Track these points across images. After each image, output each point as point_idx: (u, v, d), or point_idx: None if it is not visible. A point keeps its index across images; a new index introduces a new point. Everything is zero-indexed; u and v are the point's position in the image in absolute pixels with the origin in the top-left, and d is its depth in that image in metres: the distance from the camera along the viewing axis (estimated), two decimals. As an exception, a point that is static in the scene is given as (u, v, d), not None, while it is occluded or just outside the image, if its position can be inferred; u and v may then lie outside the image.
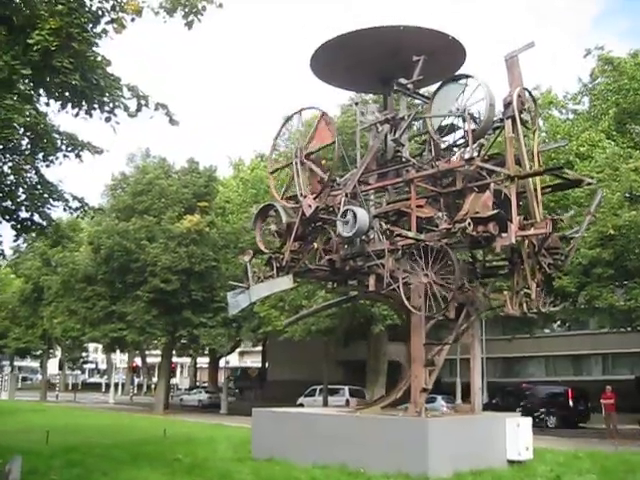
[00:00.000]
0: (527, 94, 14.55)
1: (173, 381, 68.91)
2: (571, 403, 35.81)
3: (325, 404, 42.33)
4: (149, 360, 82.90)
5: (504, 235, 13.79)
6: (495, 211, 13.82)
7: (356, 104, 15.94)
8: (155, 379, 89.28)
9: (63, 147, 14.64)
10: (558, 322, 44.97)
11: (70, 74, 8.57)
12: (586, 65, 38.90)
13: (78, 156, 14.93)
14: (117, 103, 9.26)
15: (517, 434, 14.55)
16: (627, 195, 27.57)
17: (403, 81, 14.98)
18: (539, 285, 14.57)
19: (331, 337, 37.97)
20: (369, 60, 15.71)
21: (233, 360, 79.04)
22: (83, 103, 9.29)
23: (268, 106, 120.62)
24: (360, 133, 17.17)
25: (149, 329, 40.44)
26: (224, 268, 41.74)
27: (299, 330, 35.55)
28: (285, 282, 16.24)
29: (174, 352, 53.10)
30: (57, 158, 15.04)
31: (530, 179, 14.23)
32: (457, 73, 15.40)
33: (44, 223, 13.57)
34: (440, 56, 15.32)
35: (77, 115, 9.40)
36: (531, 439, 14.87)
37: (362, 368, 46.44)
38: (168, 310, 40.28)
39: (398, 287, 13.94)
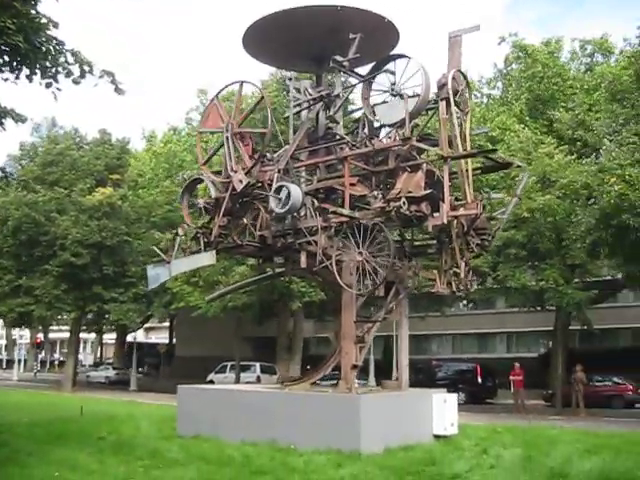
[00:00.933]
0: (461, 76, 14.74)
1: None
2: (479, 379, 36.95)
3: (237, 380, 42.26)
4: (51, 336, 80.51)
5: (436, 215, 14.02)
6: (428, 191, 14.02)
7: (289, 79, 15.71)
8: (57, 355, 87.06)
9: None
10: (465, 301, 46.43)
11: (13, 35, 8.06)
12: (500, 51, 39.77)
13: (0, 124, 14.26)
14: (59, 68, 8.78)
15: (444, 410, 14.89)
16: (539, 179, 28.51)
17: (339, 59, 14.88)
18: (467, 264, 14.92)
19: (247, 314, 37.71)
20: (303, 39, 15.44)
21: (139, 336, 77.61)
22: (22, 67, 8.75)
23: (186, 79, 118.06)
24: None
25: (58, 304, 39.27)
26: (136, 243, 40.91)
27: (214, 306, 35.16)
28: (207, 258, 15.96)
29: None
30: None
31: (462, 160, 14.50)
32: (393, 53, 15.43)
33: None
34: (374, 37, 15.27)
35: (17, 78, 8.88)
36: (456, 415, 15.25)
37: (271, 345, 46.63)
38: (78, 285, 39.18)
39: (331, 264, 13.97)
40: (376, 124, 15.44)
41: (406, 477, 11.15)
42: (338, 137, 15.28)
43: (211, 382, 47.40)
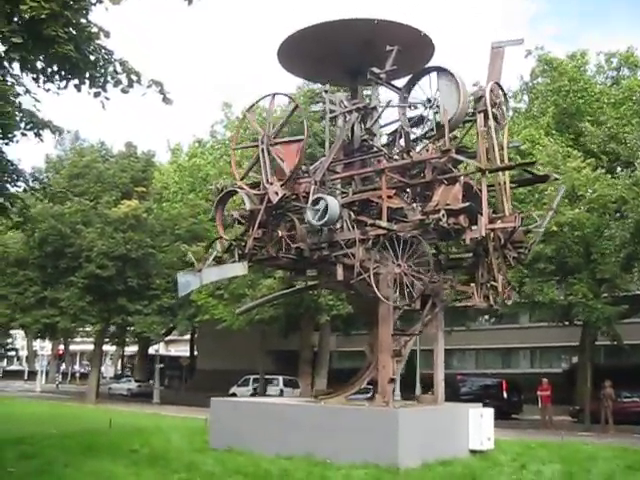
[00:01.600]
0: (499, 89, 14.68)
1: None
2: (505, 394, 36.59)
3: (263, 394, 42.18)
4: (71, 347, 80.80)
5: (474, 228, 13.93)
6: (467, 204, 13.93)
7: (325, 91, 15.68)
8: (77, 367, 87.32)
9: (22, 125, 14.07)
10: (487, 316, 46.08)
11: (64, 44, 8.07)
12: (526, 65, 39.64)
13: (38, 135, 14.35)
14: (108, 78, 8.79)
15: (480, 424, 14.73)
16: (568, 193, 28.30)
17: (376, 71, 14.89)
18: (505, 278, 14.82)
19: (273, 327, 37.65)
20: (339, 52, 15.47)
21: (159, 349, 77.66)
22: (71, 77, 8.77)
23: (211, 89, 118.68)
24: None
25: (83, 316, 39.42)
26: (160, 255, 41.04)
27: (240, 319, 35.10)
28: (238, 268, 15.88)
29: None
30: (14, 136, 14.46)
31: (499, 173, 14.42)
32: (429, 65, 15.40)
33: (7, 204, 12.87)
34: (410, 50, 15.23)
35: (65, 88, 8.89)
36: (492, 429, 15.08)
37: (293, 358, 46.53)
38: (103, 297, 39.33)
39: (369, 277, 13.89)
40: (412, 136, 15.39)
41: (448, 492, 11.04)
42: (375, 149, 15.22)
43: (234, 395, 47.50)
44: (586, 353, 34.32)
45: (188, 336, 68.98)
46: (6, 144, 13.93)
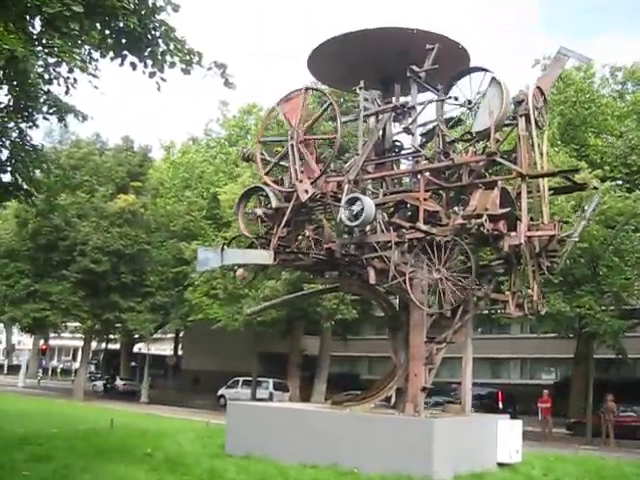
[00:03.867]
0: (540, 93, 14.28)
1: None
2: (501, 405, 36.19)
3: (253, 397, 41.61)
4: (51, 342, 79.40)
5: (512, 234, 13.51)
6: (508, 209, 13.53)
7: (360, 89, 15.17)
8: (55, 362, 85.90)
9: (44, 108, 13.49)
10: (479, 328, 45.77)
11: (130, 16, 7.46)
12: (534, 73, 39.36)
13: (62, 120, 13.78)
14: (167, 57, 8.16)
15: (509, 436, 14.31)
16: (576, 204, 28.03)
17: (416, 69, 14.46)
18: (539, 286, 14.41)
19: (270, 330, 37.10)
20: (373, 60, 15.04)
21: (141, 347, 76.55)
22: (128, 52, 8.13)
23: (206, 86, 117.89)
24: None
25: (74, 311, 38.53)
26: (155, 252, 40.35)
27: (239, 320, 34.46)
28: (263, 256, 15.23)
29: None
30: (36, 119, 13.88)
31: (540, 180, 14.03)
32: (471, 66, 14.98)
33: (32, 189, 12.23)
34: (445, 62, 14.83)
35: (121, 65, 8.26)
36: (521, 442, 14.66)
37: (281, 361, 46.01)
38: (95, 292, 38.46)
39: (404, 281, 13.41)
40: (448, 138, 14.96)
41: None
42: (411, 149, 14.75)
43: (222, 397, 46.89)
44: (582, 365, 34.14)
45: (172, 335, 68.18)
46: (29, 127, 13.33)
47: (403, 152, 15.60)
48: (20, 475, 11.54)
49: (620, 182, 27.61)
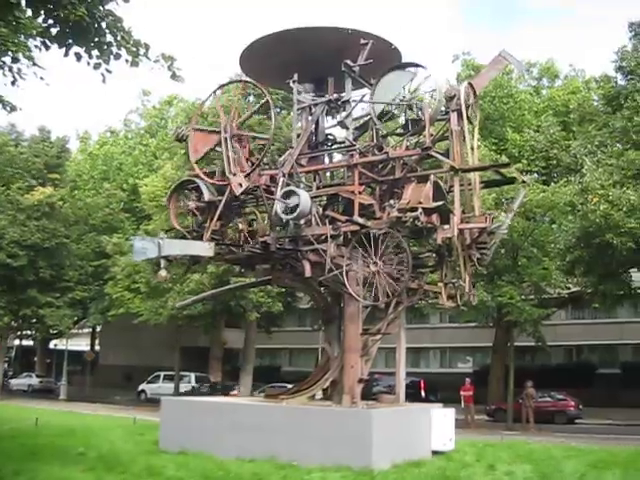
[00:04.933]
0: (471, 90, 14.60)
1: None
2: (423, 394, 36.87)
3: (177, 390, 41.20)
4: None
5: (445, 227, 13.81)
6: (441, 202, 13.79)
7: (294, 82, 15.15)
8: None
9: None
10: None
11: (77, 6, 7.16)
12: (453, 69, 40.38)
13: (-9, 111, 13.24)
14: (113, 48, 7.91)
15: (443, 425, 14.65)
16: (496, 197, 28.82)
17: (350, 63, 14.55)
18: (470, 278, 14.76)
19: (200, 323, 36.77)
20: (306, 59, 15.02)
21: (56, 343, 74.38)
22: (74, 43, 7.82)
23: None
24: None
25: (-10, 307, 37.09)
26: (74, 246, 39.32)
27: (163, 315, 33.94)
28: (203, 248, 14.98)
29: None
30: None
31: (471, 173, 14.35)
32: (403, 62, 15.18)
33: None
34: (378, 61, 14.96)
35: (66, 55, 7.95)
36: (454, 430, 15.02)
37: (202, 354, 45.73)
38: (12, 287, 37.13)
39: (341, 274, 13.53)
40: (382, 132, 15.12)
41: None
42: (346, 143, 14.83)
43: (143, 392, 46.23)
44: (500, 353, 35.20)
45: (88, 330, 66.54)
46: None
47: (337, 146, 15.66)
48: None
49: (536, 175, 28.49)
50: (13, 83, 8.35)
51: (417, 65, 14.45)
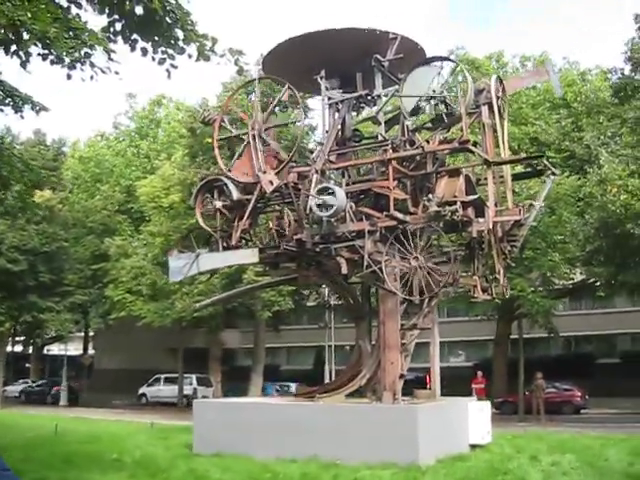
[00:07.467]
0: (500, 84, 14.61)
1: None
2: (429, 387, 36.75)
3: (181, 392, 40.92)
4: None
5: (480, 220, 13.77)
6: (476, 195, 13.76)
7: (321, 78, 15.02)
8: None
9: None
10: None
11: (152, -1, 6.93)
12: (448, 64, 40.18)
13: (18, 111, 13.08)
14: (183, 42, 7.67)
15: (481, 418, 14.61)
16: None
17: (380, 58, 14.47)
18: (505, 271, 14.75)
19: (213, 324, 36.44)
20: (332, 61, 14.94)
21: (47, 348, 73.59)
22: (140, 38, 7.57)
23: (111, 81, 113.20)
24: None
25: (-10, 313, 36.49)
26: (73, 249, 38.92)
27: (171, 316, 33.57)
28: (247, 255, 14.86)
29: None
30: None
31: (504, 166, 14.35)
32: (431, 56, 15.13)
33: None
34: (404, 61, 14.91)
35: (132, 50, 7.71)
36: (490, 423, 15.00)
37: (201, 356, 45.35)
38: (12, 293, 36.57)
39: (380, 270, 13.43)
40: (411, 127, 15.03)
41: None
42: (380, 138, 14.74)
43: (143, 395, 45.82)
44: (502, 346, 35.33)
45: (80, 334, 65.94)
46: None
47: (369, 142, 15.57)
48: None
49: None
50: (92, 78, 8.14)
51: (444, 59, 14.39)
